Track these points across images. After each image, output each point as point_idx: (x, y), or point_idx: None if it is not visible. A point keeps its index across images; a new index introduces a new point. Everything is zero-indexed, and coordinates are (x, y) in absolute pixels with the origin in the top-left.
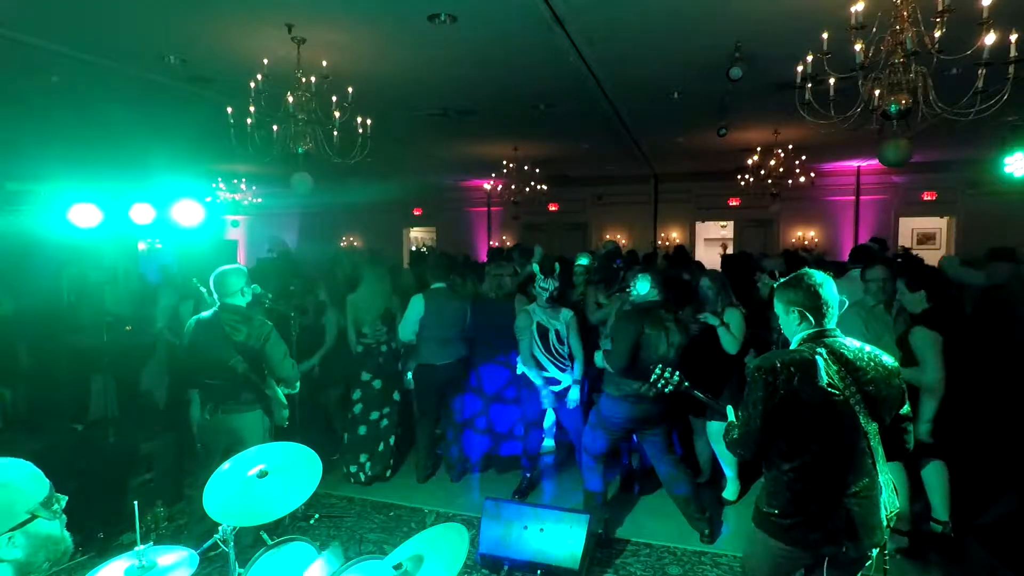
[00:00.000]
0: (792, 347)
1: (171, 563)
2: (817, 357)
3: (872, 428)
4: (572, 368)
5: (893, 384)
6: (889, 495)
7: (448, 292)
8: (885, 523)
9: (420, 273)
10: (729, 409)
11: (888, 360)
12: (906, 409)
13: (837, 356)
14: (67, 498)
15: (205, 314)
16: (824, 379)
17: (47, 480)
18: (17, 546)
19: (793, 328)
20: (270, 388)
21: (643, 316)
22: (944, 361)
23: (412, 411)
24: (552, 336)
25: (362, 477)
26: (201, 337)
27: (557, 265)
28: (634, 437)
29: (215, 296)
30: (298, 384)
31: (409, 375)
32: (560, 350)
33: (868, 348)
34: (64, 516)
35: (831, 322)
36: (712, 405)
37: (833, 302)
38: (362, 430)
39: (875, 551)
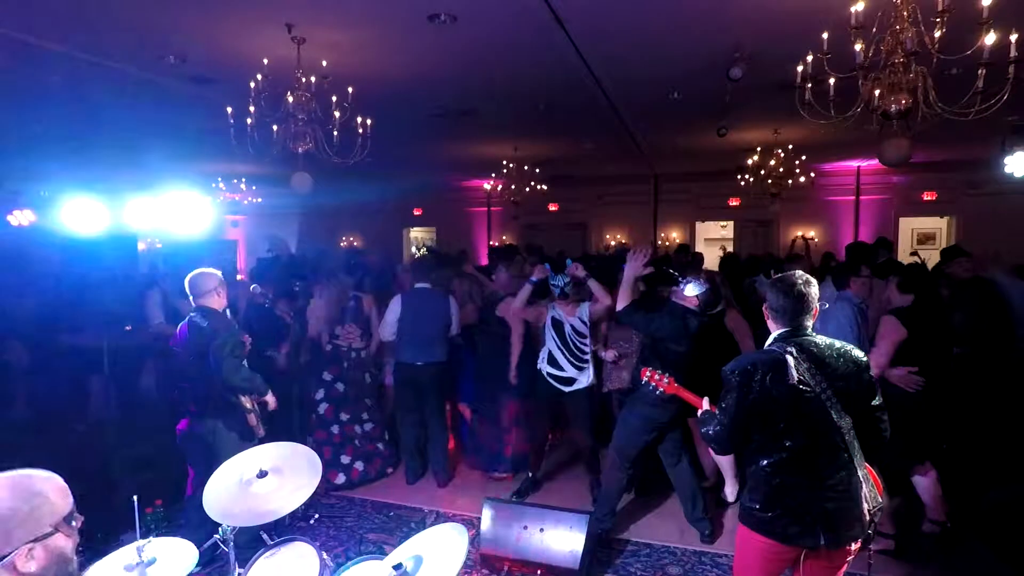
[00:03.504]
0: (766, 346)
1: (170, 557)
2: (787, 356)
3: (846, 423)
4: (589, 368)
5: (863, 379)
6: (870, 489)
7: (429, 292)
8: (867, 517)
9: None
10: (705, 400)
11: (858, 354)
12: (877, 400)
13: (807, 354)
14: (83, 519)
15: (183, 321)
16: (794, 377)
17: (71, 496)
18: (34, 559)
19: (771, 328)
20: (233, 394)
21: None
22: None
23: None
24: (568, 331)
25: (343, 479)
26: (178, 342)
27: (569, 260)
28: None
29: (190, 298)
30: (266, 391)
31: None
32: (579, 343)
33: (838, 344)
34: (77, 536)
35: (804, 322)
36: (697, 404)
37: (807, 304)
38: (335, 430)
39: (856, 545)
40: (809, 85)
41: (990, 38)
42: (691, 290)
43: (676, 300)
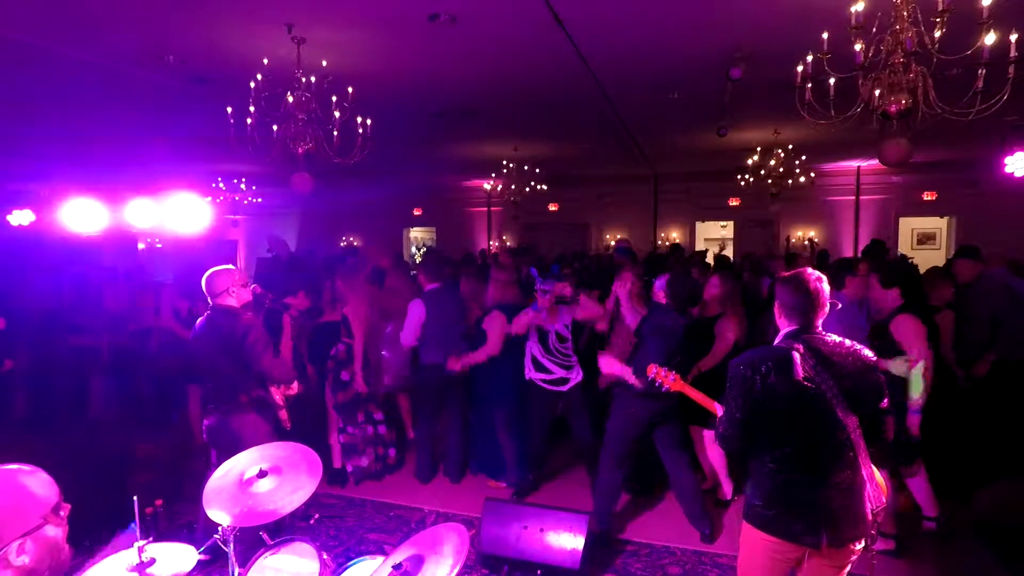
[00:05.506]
0: (775, 343)
1: (171, 558)
2: (793, 352)
3: (852, 421)
4: (577, 365)
5: (870, 379)
6: (873, 489)
7: (446, 292)
8: (870, 517)
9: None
10: (717, 405)
11: (867, 355)
12: (885, 402)
13: (814, 351)
14: (70, 506)
15: (202, 318)
16: (799, 374)
17: (56, 486)
18: (27, 552)
19: (782, 325)
20: (264, 389)
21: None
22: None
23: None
24: (551, 337)
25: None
26: (199, 340)
27: (556, 267)
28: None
29: (208, 298)
30: (295, 384)
31: None
32: (561, 349)
33: (848, 343)
34: (66, 525)
35: (815, 320)
36: (703, 402)
37: (819, 301)
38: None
39: (860, 545)
40: (809, 85)
41: (990, 38)
42: (660, 284)
43: (655, 299)
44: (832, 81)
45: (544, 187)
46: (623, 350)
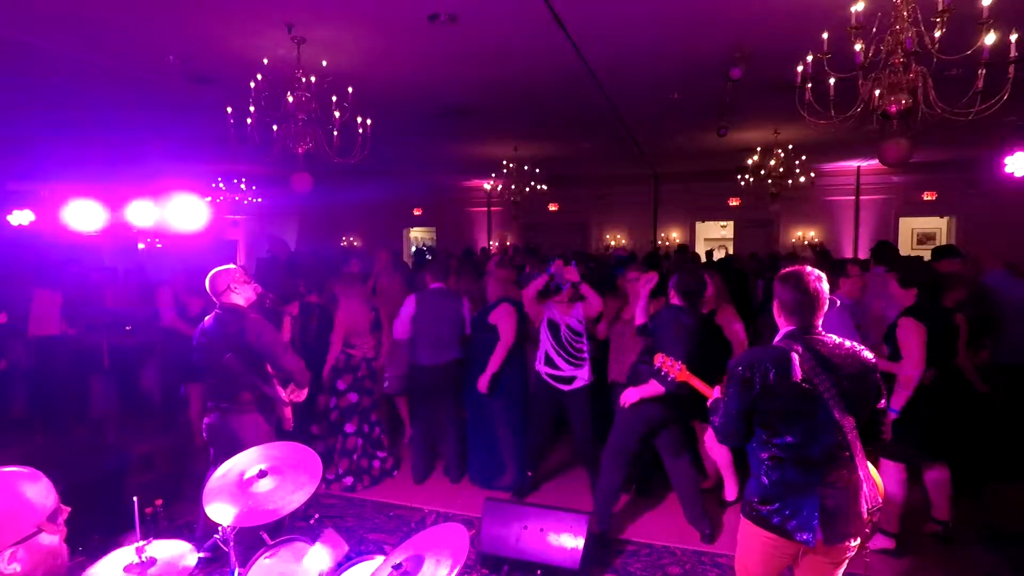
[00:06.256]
0: (774, 342)
1: (170, 558)
2: (792, 353)
3: (849, 422)
4: (587, 365)
5: (869, 380)
6: (870, 488)
7: (445, 293)
8: (866, 516)
9: (420, 274)
10: (717, 389)
11: (867, 356)
12: (882, 403)
13: (813, 352)
14: (70, 509)
15: (209, 316)
16: (798, 374)
17: (54, 492)
18: (18, 560)
19: (781, 324)
20: (271, 387)
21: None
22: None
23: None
24: (564, 332)
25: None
26: (203, 338)
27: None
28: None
29: (213, 298)
30: (307, 384)
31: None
32: (574, 343)
33: (848, 344)
34: (64, 529)
35: (814, 320)
36: (706, 392)
37: (818, 300)
38: (337, 441)
39: (855, 542)
40: (809, 85)
41: (990, 38)
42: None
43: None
44: (832, 81)
45: (544, 187)
46: (625, 350)
